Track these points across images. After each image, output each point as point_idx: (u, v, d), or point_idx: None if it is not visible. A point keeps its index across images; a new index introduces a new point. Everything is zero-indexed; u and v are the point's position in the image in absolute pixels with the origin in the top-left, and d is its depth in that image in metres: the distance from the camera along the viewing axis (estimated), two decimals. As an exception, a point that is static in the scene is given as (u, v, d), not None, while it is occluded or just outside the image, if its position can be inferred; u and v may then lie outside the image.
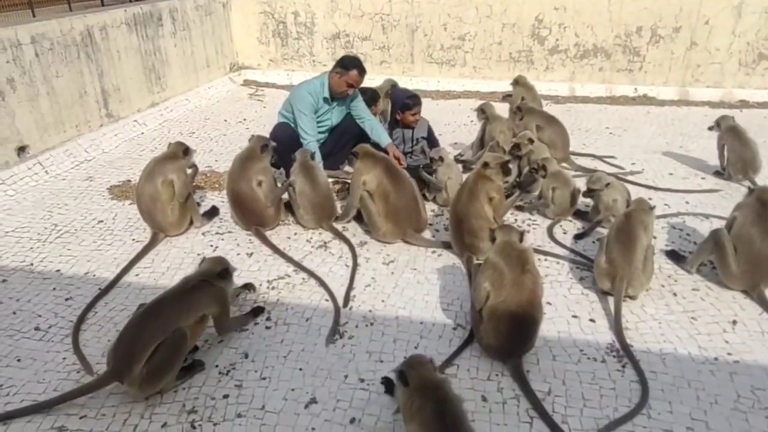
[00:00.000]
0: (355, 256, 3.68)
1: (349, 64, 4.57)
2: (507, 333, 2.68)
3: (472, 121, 6.54)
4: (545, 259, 3.66)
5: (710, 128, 5.01)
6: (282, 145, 4.43)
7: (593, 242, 3.85)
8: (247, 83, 8.48)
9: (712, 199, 4.53)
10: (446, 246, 3.81)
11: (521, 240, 2.78)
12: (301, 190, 4.02)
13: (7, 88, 4.76)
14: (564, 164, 5.05)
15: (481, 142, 5.21)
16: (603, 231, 3.82)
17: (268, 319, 3.11)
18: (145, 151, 5.72)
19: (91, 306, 3.19)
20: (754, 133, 5.08)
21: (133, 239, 3.98)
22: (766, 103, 7.11)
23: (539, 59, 7.77)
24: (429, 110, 6.89)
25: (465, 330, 2.99)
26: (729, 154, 4.81)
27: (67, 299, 3.29)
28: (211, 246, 3.89)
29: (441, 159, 4.43)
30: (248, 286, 3.28)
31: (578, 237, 3.96)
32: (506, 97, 6.10)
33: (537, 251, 3.63)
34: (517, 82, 5.96)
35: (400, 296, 3.32)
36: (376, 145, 4.56)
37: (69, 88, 5.44)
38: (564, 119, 5.49)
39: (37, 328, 3.03)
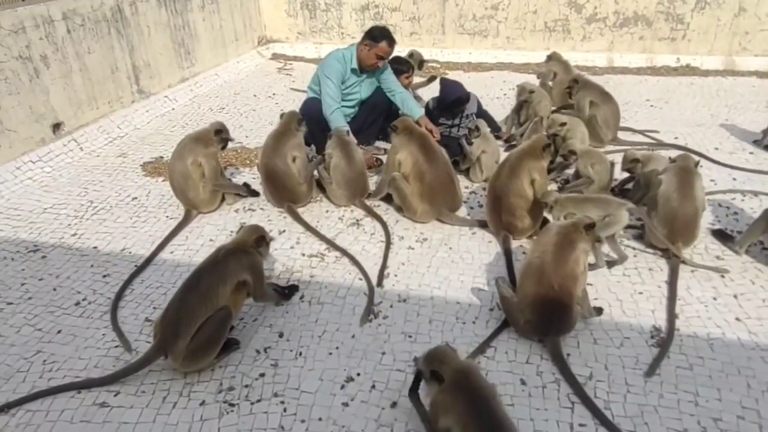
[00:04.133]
0: (388, 234, 3.62)
1: (379, 36, 4.44)
2: (532, 303, 2.62)
3: (505, 95, 6.36)
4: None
5: None
6: (312, 120, 4.36)
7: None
8: (275, 57, 8.38)
9: (761, 176, 4.31)
10: (482, 224, 3.72)
11: (588, 229, 2.71)
12: (336, 164, 3.96)
13: (41, 65, 4.79)
14: (610, 145, 4.83)
15: (518, 116, 5.05)
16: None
17: (302, 298, 3.09)
18: (176, 127, 5.72)
19: (127, 283, 3.22)
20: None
21: (167, 216, 4.00)
22: (819, 72, 6.73)
23: (576, 28, 7.46)
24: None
25: (502, 311, 2.92)
26: None
27: (104, 276, 3.33)
28: (243, 223, 3.87)
29: (477, 129, 4.31)
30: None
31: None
32: (540, 74, 5.89)
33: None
34: (551, 58, 5.75)
35: (434, 276, 3.26)
36: None
37: (101, 65, 5.45)
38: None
39: (77, 304, 3.09)
